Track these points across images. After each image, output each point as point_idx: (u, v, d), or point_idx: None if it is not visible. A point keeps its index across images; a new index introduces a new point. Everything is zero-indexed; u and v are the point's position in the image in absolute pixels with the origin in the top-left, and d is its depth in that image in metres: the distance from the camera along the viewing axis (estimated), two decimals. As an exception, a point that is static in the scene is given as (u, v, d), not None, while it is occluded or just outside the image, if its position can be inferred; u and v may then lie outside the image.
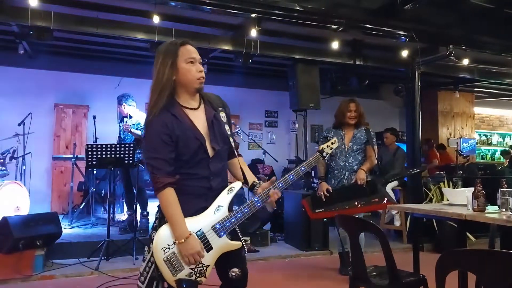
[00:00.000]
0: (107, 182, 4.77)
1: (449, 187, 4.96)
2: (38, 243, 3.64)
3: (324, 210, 3.45)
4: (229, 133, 1.70)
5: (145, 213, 4.69)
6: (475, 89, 8.13)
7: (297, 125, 7.81)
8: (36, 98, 6.12)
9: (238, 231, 1.72)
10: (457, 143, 7.65)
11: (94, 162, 4.02)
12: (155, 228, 1.64)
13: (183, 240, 1.55)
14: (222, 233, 1.62)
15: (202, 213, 1.63)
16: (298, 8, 4.33)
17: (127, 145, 4.14)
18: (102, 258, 3.80)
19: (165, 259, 1.57)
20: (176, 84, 1.61)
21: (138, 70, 6.49)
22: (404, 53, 5.40)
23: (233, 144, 1.73)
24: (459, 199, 2.64)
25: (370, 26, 4.66)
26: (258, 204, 1.66)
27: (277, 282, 3.61)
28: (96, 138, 5.46)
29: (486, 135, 9.56)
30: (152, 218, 4.86)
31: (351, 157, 3.49)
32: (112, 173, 4.39)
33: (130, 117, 4.62)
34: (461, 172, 6.37)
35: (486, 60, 6.12)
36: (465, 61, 5.85)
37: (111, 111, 6.38)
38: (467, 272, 2.42)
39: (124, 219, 5.03)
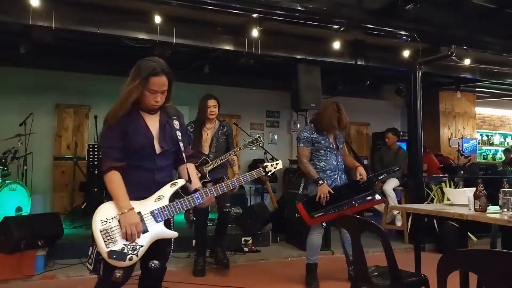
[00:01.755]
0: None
1: (450, 187, 4.96)
2: (39, 243, 3.65)
3: (323, 214, 3.26)
4: (180, 138, 1.95)
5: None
6: (477, 89, 8.11)
7: (298, 125, 7.80)
8: (37, 98, 6.13)
9: (172, 226, 1.91)
10: (458, 143, 7.65)
11: (95, 162, 4.04)
12: None
13: (126, 211, 1.75)
14: (159, 219, 1.81)
15: (143, 200, 1.82)
16: (299, 8, 4.33)
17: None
18: (104, 258, 3.79)
19: (101, 230, 1.75)
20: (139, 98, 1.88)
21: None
22: (406, 53, 5.40)
23: (182, 149, 1.95)
24: (460, 199, 2.64)
25: (371, 26, 4.66)
26: (198, 201, 1.88)
27: (279, 283, 3.61)
28: (97, 138, 5.47)
29: (487, 135, 9.54)
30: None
31: (339, 156, 3.46)
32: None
33: None
34: (462, 172, 6.36)
35: (487, 60, 6.11)
36: (467, 61, 5.84)
37: (113, 111, 6.38)
38: (468, 272, 2.42)
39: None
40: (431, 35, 5.02)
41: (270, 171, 2.09)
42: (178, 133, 1.95)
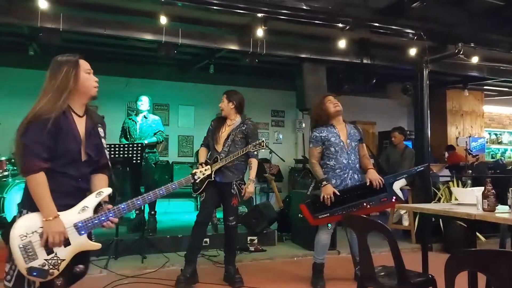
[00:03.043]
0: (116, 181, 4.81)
1: (458, 186, 4.91)
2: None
3: (329, 215, 3.20)
4: (105, 147, 1.87)
5: (152, 212, 4.72)
6: (485, 87, 8.04)
7: (303, 125, 7.79)
8: (45, 99, 6.17)
9: (92, 235, 1.83)
10: (466, 142, 7.58)
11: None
12: None
13: (51, 218, 1.65)
14: (82, 232, 1.73)
15: (66, 210, 1.72)
16: (304, 7, 4.33)
17: (135, 145, 4.18)
18: (111, 257, 3.83)
19: (20, 246, 1.64)
20: (73, 91, 1.78)
21: (145, 70, 6.54)
22: (412, 52, 5.36)
23: (108, 160, 1.89)
24: (468, 199, 2.62)
25: (377, 24, 4.64)
26: (124, 211, 1.81)
27: (284, 282, 3.60)
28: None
29: (496, 134, 9.44)
30: (159, 218, 4.92)
31: (352, 154, 3.32)
32: (121, 173, 4.43)
33: (145, 117, 4.74)
34: (470, 171, 6.30)
35: (495, 58, 6.05)
36: (474, 59, 5.78)
37: (119, 111, 6.43)
38: (477, 272, 2.39)
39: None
40: (437, 33, 4.98)
41: (199, 178, 2.12)
42: (104, 141, 1.88)
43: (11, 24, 4.17)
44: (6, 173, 4.55)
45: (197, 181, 2.12)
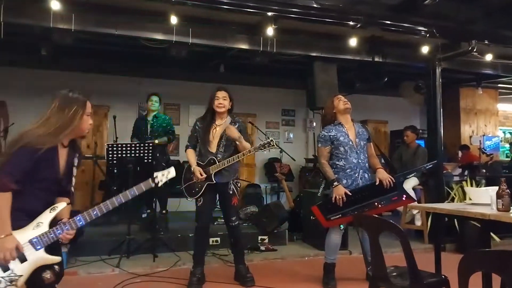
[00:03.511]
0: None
1: (472, 186, 4.83)
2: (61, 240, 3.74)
3: (341, 216, 3.18)
4: (74, 175, 1.98)
5: (164, 211, 4.76)
6: (499, 85, 7.88)
7: (314, 124, 7.76)
8: (58, 99, 6.26)
9: (59, 248, 1.89)
10: (480, 141, 7.45)
11: (114, 161, 4.12)
12: None
13: (3, 236, 1.70)
14: (38, 247, 1.77)
15: (20, 229, 1.76)
16: (315, 5, 4.30)
17: (146, 145, 4.22)
18: (123, 255, 3.87)
19: None
20: (73, 129, 1.88)
21: (156, 70, 6.59)
22: (425, 49, 5.27)
23: (73, 184, 1.97)
24: (482, 199, 2.57)
25: (389, 22, 4.58)
26: (81, 223, 1.86)
27: (295, 282, 3.60)
28: (116, 138, 5.58)
29: (510, 133, 9.25)
30: (170, 217, 4.96)
31: (362, 154, 3.31)
32: (132, 172, 4.47)
33: (156, 116, 4.79)
34: (484, 170, 6.19)
35: (510, 55, 5.92)
36: (488, 57, 5.66)
37: (131, 111, 6.50)
38: (491, 273, 2.35)
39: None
40: (450, 31, 4.90)
41: (161, 181, 1.96)
42: (75, 170, 1.99)
43: (24, 24, 4.24)
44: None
45: (158, 185, 1.97)
